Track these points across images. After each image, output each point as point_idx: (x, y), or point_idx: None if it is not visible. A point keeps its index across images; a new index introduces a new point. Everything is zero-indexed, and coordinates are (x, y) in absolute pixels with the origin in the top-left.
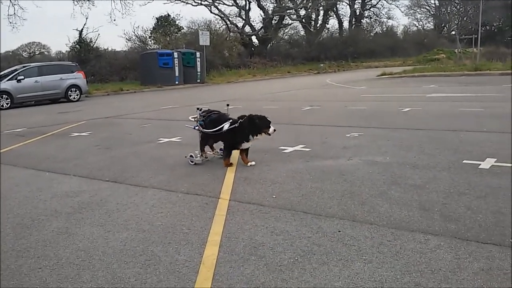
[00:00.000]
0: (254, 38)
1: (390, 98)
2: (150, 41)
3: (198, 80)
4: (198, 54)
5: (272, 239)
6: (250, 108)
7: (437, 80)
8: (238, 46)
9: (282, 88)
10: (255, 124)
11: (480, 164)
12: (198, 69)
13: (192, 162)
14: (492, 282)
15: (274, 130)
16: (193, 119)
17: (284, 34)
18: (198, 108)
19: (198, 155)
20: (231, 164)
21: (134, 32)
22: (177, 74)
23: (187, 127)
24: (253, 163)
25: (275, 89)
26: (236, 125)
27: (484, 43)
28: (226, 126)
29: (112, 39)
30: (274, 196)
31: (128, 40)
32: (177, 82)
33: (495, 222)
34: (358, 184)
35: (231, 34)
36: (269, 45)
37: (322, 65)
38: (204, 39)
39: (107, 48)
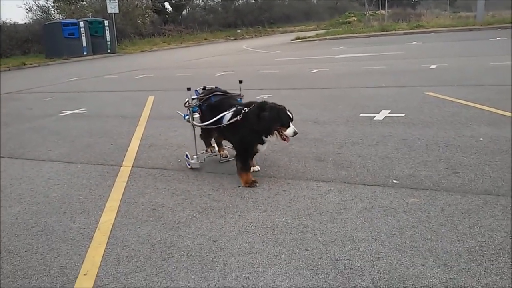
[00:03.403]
0: (167, 5)
1: (301, 61)
2: (54, 11)
3: (109, 50)
4: (106, 22)
5: (172, 199)
6: (163, 76)
7: (346, 42)
8: (150, 13)
9: (198, 56)
10: (262, 118)
11: (375, 116)
12: (108, 39)
13: (188, 165)
14: (372, 219)
15: (295, 133)
16: (186, 105)
17: (200, 0)
18: (189, 88)
19: (195, 157)
20: (253, 183)
21: (34, 2)
22: (84, 44)
23: (178, 114)
24: (257, 168)
25: (191, 57)
26: (238, 117)
27: (392, 5)
28: (227, 116)
29: (11, 10)
30: (179, 160)
31: (29, 10)
32: (85, 53)
33: (382, 166)
34: None
35: (143, 0)
36: (184, 11)
37: (239, 31)
38: (112, 7)
39: (6, 21)
